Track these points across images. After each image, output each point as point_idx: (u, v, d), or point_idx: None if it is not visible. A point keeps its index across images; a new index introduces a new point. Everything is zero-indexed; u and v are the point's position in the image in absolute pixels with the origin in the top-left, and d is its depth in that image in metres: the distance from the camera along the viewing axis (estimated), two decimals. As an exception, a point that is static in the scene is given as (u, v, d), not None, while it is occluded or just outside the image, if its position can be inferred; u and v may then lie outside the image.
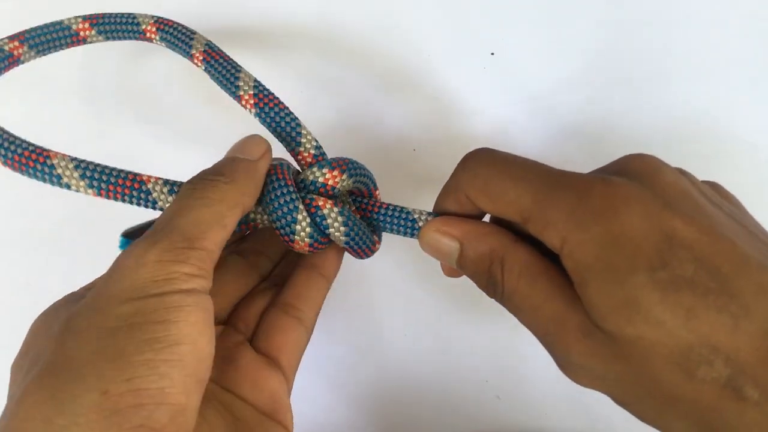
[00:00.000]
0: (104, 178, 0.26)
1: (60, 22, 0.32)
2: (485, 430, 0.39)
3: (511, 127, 0.39)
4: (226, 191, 0.26)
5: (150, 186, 0.26)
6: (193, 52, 0.30)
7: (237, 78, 0.29)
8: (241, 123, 0.31)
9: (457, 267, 0.27)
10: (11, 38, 0.31)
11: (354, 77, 0.40)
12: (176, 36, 0.31)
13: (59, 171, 0.25)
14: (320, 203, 0.27)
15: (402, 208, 0.29)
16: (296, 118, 0.29)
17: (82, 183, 0.26)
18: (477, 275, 0.27)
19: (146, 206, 0.27)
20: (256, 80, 0.29)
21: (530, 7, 0.39)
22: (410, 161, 0.39)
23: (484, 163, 0.26)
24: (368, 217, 0.30)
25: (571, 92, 0.39)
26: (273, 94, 0.29)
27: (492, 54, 0.39)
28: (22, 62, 0.31)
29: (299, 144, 0.29)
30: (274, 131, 0.29)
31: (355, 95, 0.39)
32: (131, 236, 0.29)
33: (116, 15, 0.33)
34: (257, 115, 0.29)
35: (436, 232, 0.27)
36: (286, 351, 0.30)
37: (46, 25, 0.32)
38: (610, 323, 0.22)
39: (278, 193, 0.27)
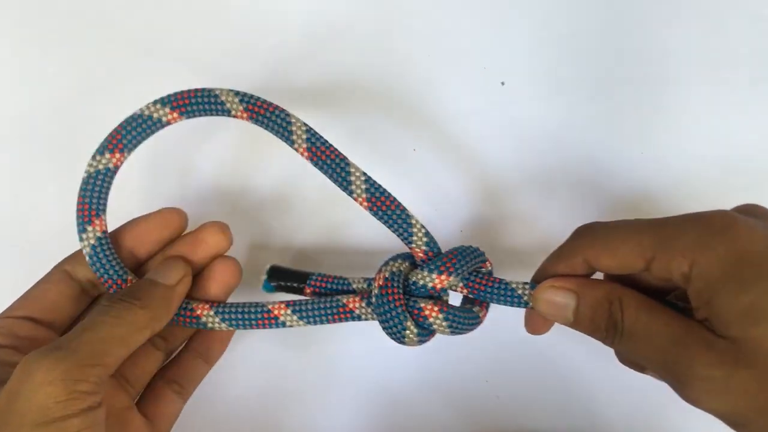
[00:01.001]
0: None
1: (141, 115, 0.32)
2: (485, 430, 0.39)
3: (511, 126, 0.39)
4: (138, 315, 0.30)
5: (276, 312, 0.32)
6: (295, 143, 0.31)
7: (348, 174, 0.31)
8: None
9: (572, 319, 0.29)
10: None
11: (355, 77, 0.40)
12: (271, 119, 0.31)
13: (204, 319, 0.33)
14: (426, 312, 0.30)
15: (506, 283, 0.31)
16: (408, 215, 0.31)
17: (223, 325, 0.33)
18: (595, 320, 0.28)
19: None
20: (365, 177, 0.31)
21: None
22: (410, 161, 0.39)
23: (599, 227, 0.29)
24: (474, 293, 0.31)
25: (575, 90, 0.39)
26: (385, 192, 0.31)
27: (485, 68, 0.39)
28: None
29: (411, 241, 0.31)
30: (388, 226, 0.31)
31: (356, 94, 0.39)
32: (276, 276, 0.34)
33: (197, 92, 0.32)
34: (370, 212, 0.31)
35: (551, 288, 0.29)
36: (165, 420, 0.34)
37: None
38: (735, 328, 0.24)
39: (391, 311, 0.30)
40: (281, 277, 0.34)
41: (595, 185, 0.38)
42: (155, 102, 0.31)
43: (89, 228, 0.31)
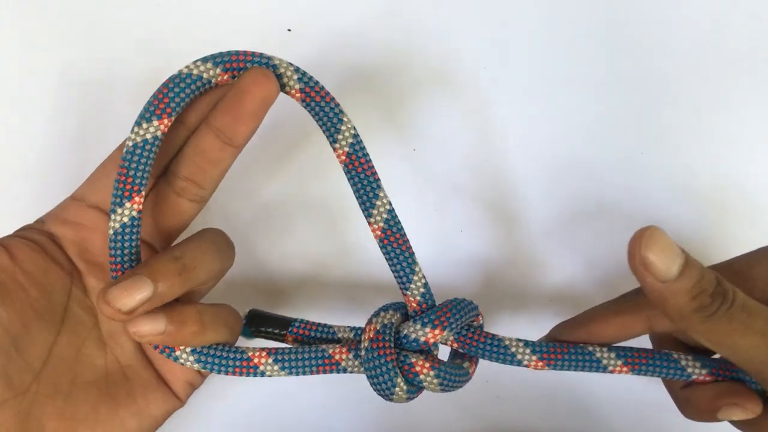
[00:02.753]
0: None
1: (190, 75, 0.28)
2: (485, 430, 0.39)
3: (511, 126, 0.39)
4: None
5: (256, 361, 0.30)
6: (338, 143, 0.29)
7: (374, 202, 0.29)
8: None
9: (676, 273, 0.25)
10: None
11: (355, 76, 0.40)
12: (324, 110, 0.29)
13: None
14: (417, 368, 0.29)
15: (500, 340, 0.30)
16: (414, 261, 0.29)
17: (196, 366, 0.30)
18: (702, 283, 0.25)
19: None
20: (390, 207, 0.29)
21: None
22: (411, 161, 0.39)
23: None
24: (466, 348, 0.31)
25: (573, 92, 0.39)
26: (403, 230, 0.29)
27: (485, 68, 0.39)
28: None
29: (407, 288, 0.30)
30: (390, 264, 0.30)
31: (356, 93, 0.39)
32: (256, 321, 0.32)
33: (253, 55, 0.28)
34: (379, 244, 0.29)
35: (663, 232, 0.25)
36: (172, 228, 0.31)
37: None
38: None
39: (381, 367, 0.29)
40: (261, 323, 0.33)
41: (596, 185, 0.38)
42: (205, 60, 0.28)
43: (127, 204, 0.28)
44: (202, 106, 0.29)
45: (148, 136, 0.28)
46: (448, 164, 0.39)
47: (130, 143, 0.28)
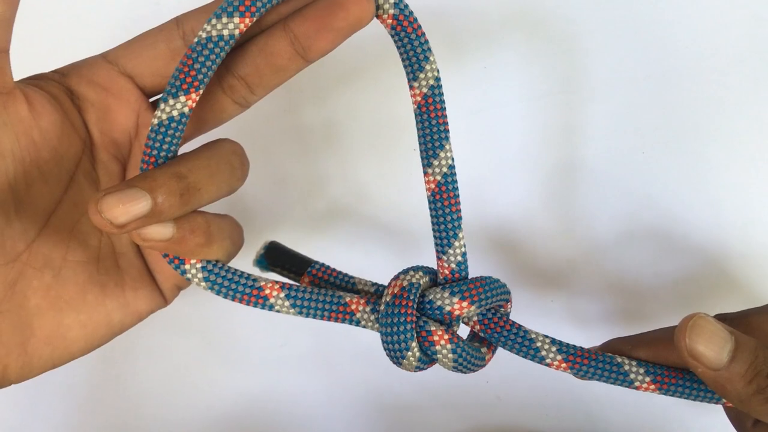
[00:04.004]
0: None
1: None
2: (485, 430, 0.39)
3: (512, 126, 0.39)
4: None
5: (267, 292, 0.28)
6: (417, 81, 0.27)
7: (439, 150, 0.27)
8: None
9: (726, 360, 0.25)
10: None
11: (355, 74, 0.40)
12: (412, 41, 0.27)
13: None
14: (435, 338, 0.27)
15: (526, 332, 0.28)
16: (459, 226, 0.28)
17: (204, 284, 0.28)
18: (756, 364, 0.24)
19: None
20: (452, 164, 0.27)
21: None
22: (411, 161, 0.39)
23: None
24: (488, 334, 0.29)
25: (573, 92, 0.39)
26: (457, 190, 0.28)
27: (485, 68, 0.39)
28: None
29: (444, 252, 0.28)
30: (434, 222, 0.28)
31: (356, 92, 0.39)
32: (274, 254, 0.30)
33: None
34: (429, 198, 0.28)
35: (714, 321, 0.25)
36: (212, 121, 0.29)
37: None
38: None
39: (398, 326, 0.27)
40: (279, 257, 0.31)
41: (596, 185, 0.38)
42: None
43: (182, 98, 0.25)
44: (283, 7, 0.27)
45: (225, 32, 0.25)
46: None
47: (204, 35, 0.25)
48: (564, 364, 0.28)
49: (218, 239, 0.27)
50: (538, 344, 0.28)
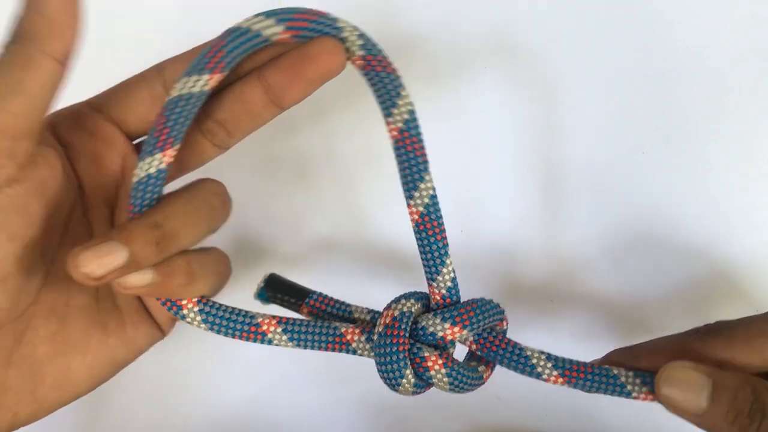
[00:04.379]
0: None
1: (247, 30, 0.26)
2: (485, 430, 0.39)
3: (512, 127, 0.39)
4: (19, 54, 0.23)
5: (265, 327, 0.29)
6: (393, 117, 0.27)
7: (418, 184, 0.28)
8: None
9: (705, 405, 0.25)
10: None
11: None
12: (384, 81, 0.27)
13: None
14: (429, 363, 0.28)
15: (522, 349, 0.29)
16: (446, 253, 0.28)
17: (203, 326, 0.29)
18: (738, 403, 0.25)
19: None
20: (433, 194, 0.28)
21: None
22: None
23: (734, 324, 0.27)
24: (484, 352, 0.29)
25: (573, 92, 0.39)
26: (441, 218, 0.28)
27: (486, 67, 0.39)
28: None
29: (434, 279, 0.28)
30: (421, 251, 0.28)
31: (356, 92, 0.39)
32: (273, 286, 0.31)
33: (317, 17, 0.26)
34: (414, 228, 0.28)
35: (683, 367, 0.26)
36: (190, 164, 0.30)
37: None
38: None
39: (391, 355, 0.28)
40: (279, 289, 0.32)
41: (596, 184, 0.38)
42: (268, 14, 0.26)
43: (158, 155, 0.26)
44: (258, 56, 0.27)
45: (195, 89, 0.26)
46: (448, 165, 0.39)
47: (175, 93, 0.26)
48: (561, 379, 0.29)
49: (202, 276, 0.28)
50: (534, 361, 0.29)
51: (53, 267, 0.28)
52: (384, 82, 0.27)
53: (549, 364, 0.29)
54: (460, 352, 0.30)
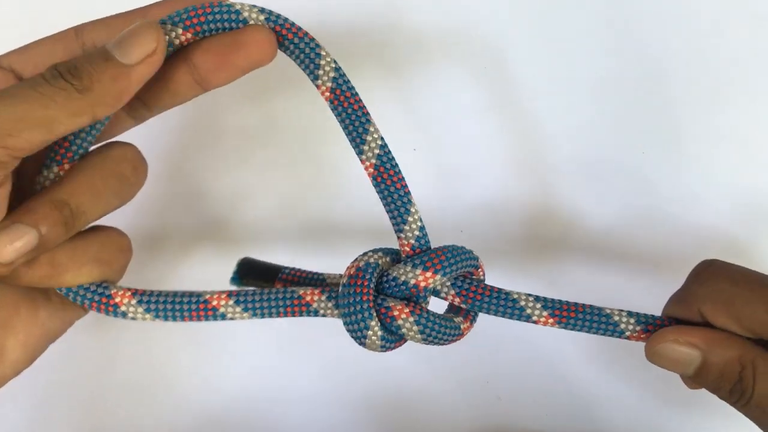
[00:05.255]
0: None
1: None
2: (485, 430, 0.39)
3: (511, 126, 0.39)
4: (75, 100, 0.23)
5: (215, 303, 0.28)
6: (320, 79, 0.27)
7: (364, 137, 0.27)
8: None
9: (692, 376, 0.27)
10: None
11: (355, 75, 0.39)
12: (298, 47, 0.27)
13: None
14: (395, 313, 0.27)
15: (507, 293, 0.28)
16: (410, 201, 0.28)
17: (148, 316, 0.28)
18: (721, 382, 0.26)
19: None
20: (382, 143, 0.27)
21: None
22: (411, 161, 0.39)
23: (723, 279, 0.27)
24: (468, 303, 0.28)
25: (573, 91, 0.39)
26: (397, 166, 0.28)
27: (485, 68, 0.39)
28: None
29: (402, 230, 0.28)
30: (384, 203, 0.28)
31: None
32: (246, 270, 0.31)
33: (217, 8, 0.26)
34: (373, 182, 0.28)
35: (673, 342, 0.27)
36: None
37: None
38: None
39: (354, 305, 0.27)
40: (251, 271, 0.31)
41: (596, 185, 0.38)
42: (163, 21, 0.26)
43: (55, 169, 0.26)
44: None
45: None
46: (447, 165, 0.39)
47: None
48: (551, 320, 0.28)
49: (72, 266, 0.26)
50: (522, 303, 0.28)
51: None
52: (300, 47, 0.27)
53: (538, 305, 0.28)
54: (440, 308, 0.29)
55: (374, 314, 0.27)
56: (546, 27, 0.39)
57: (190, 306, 0.28)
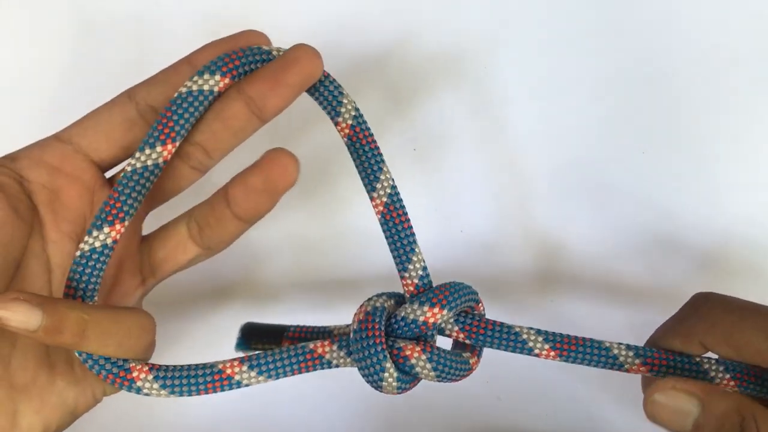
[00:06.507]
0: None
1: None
2: (485, 430, 0.39)
3: (512, 126, 0.39)
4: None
5: (229, 371, 0.28)
6: (341, 116, 0.28)
7: (378, 176, 0.28)
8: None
9: (689, 429, 0.26)
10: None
11: (355, 76, 0.39)
12: (324, 92, 0.28)
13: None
14: (407, 352, 0.27)
15: (509, 327, 0.29)
16: (415, 241, 0.28)
17: (163, 392, 0.28)
18: (725, 427, 0.26)
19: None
20: (393, 185, 0.28)
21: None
22: (411, 161, 0.39)
23: (720, 310, 0.27)
24: (472, 338, 0.29)
25: (573, 91, 0.39)
26: (404, 207, 0.28)
27: (485, 68, 0.39)
28: None
29: (406, 269, 0.28)
30: (390, 242, 0.29)
31: (356, 93, 0.39)
32: (250, 334, 0.31)
33: (251, 50, 0.28)
34: (381, 220, 0.28)
35: (672, 389, 0.26)
36: (167, 266, 0.30)
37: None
38: None
39: (368, 349, 0.27)
40: (256, 335, 0.31)
41: (596, 184, 0.38)
42: (201, 72, 0.27)
43: (105, 229, 0.26)
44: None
45: (149, 162, 0.27)
46: (448, 165, 0.39)
47: (129, 168, 0.27)
48: (552, 353, 0.28)
49: (96, 340, 0.26)
50: (524, 336, 0.28)
51: None
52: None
53: (540, 338, 0.28)
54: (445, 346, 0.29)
55: (388, 356, 0.27)
56: (546, 27, 0.39)
57: (205, 379, 0.28)
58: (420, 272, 0.28)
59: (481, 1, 0.39)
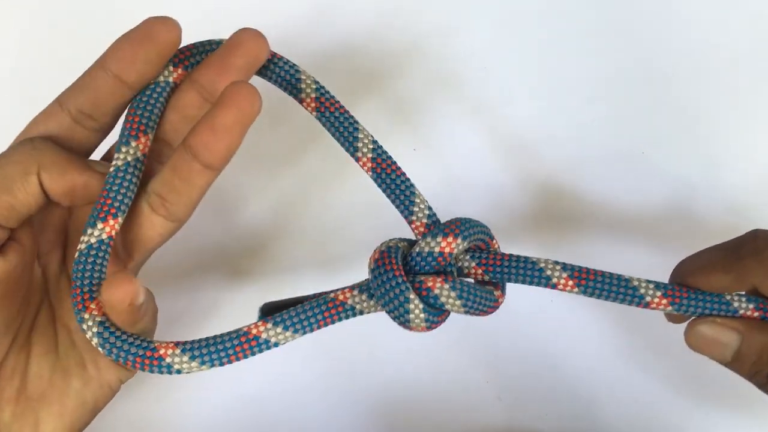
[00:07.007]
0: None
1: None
2: (485, 430, 0.39)
3: (512, 126, 0.39)
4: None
5: (256, 332, 0.28)
6: (303, 96, 0.29)
7: (356, 137, 0.29)
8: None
9: (729, 359, 0.27)
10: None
11: (355, 75, 0.39)
12: (280, 73, 0.29)
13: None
14: (430, 284, 0.27)
15: (526, 258, 0.28)
16: (411, 185, 0.29)
17: (194, 364, 0.28)
18: (759, 364, 0.27)
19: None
20: (374, 141, 0.29)
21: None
22: (410, 161, 0.39)
23: None
24: (490, 272, 0.28)
25: (573, 92, 0.39)
26: (391, 157, 0.29)
27: (485, 68, 0.39)
28: None
29: (412, 212, 0.28)
30: (388, 193, 0.29)
31: (356, 92, 0.39)
32: (270, 313, 0.30)
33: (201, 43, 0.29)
34: (373, 176, 0.29)
35: (713, 323, 0.27)
36: (141, 245, 0.30)
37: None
38: None
39: (389, 282, 0.27)
40: (277, 312, 0.31)
41: (596, 185, 0.38)
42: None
43: (100, 226, 0.27)
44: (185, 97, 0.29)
45: (129, 158, 0.28)
46: (448, 164, 0.39)
47: (112, 168, 0.28)
48: (571, 282, 0.28)
49: (148, 316, 0.28)
50: (542, 265, 0.28)
51: (21, 324, 0.28)
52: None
53: (558, 267, 0.28)
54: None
55: (410, 287, 0.26)
56: (546, 27, 0.39)
57: (233, 343, 0.27)
58: (426, 211, 0.28)
59: (481, 1, 0.39)
